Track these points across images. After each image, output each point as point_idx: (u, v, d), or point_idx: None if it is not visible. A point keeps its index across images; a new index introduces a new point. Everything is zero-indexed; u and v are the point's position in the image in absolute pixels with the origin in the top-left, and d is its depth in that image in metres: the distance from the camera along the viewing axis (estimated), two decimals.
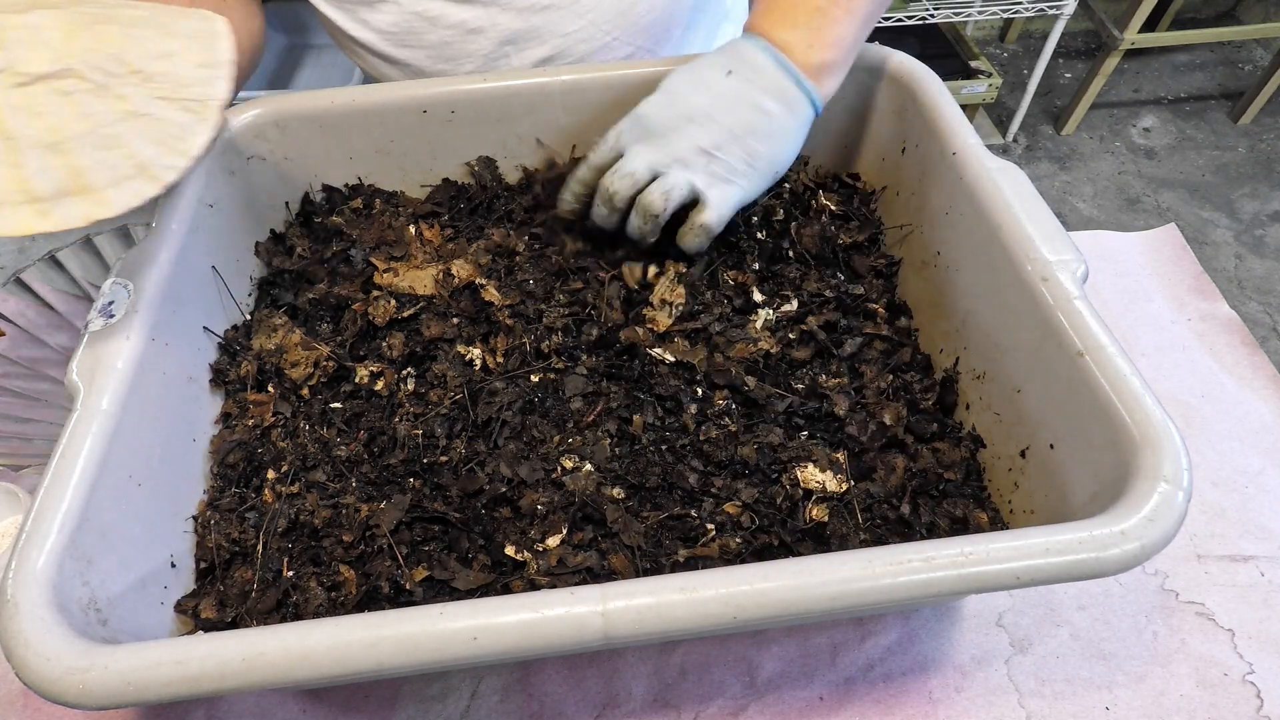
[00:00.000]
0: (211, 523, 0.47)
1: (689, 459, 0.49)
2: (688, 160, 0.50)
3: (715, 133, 0.50)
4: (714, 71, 0.51)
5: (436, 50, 0.65)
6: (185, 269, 0.49)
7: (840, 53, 0.51)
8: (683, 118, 0.50)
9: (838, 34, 0.50)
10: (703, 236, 0.52)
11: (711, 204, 0.50)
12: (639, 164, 0.51)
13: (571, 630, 0.32)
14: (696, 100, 0.50)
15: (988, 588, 0.34)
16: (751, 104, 0.49)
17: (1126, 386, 0.38)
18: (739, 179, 0.51)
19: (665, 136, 0.50)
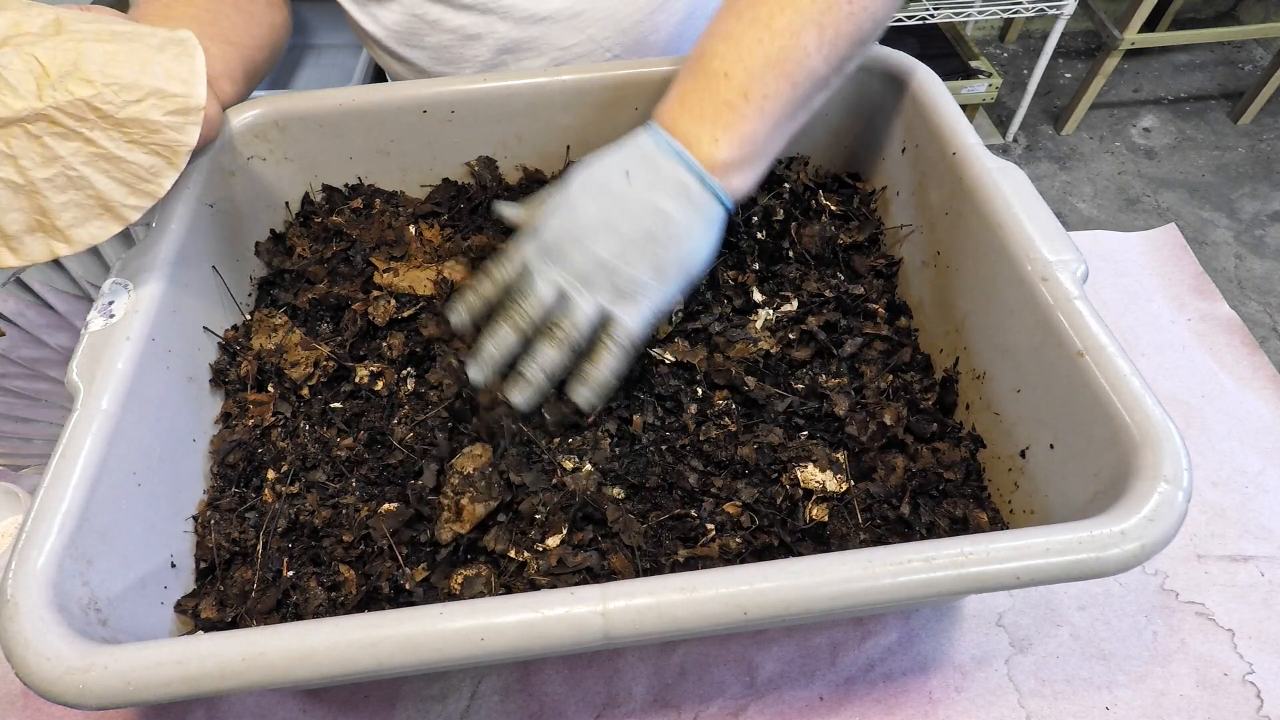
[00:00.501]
0: (211, 523, 0.47)
1: (689, 459, 0.49)
2: (592, 278, 0.45)
3: (617, 244, 0.45)
4: (613, 173, 0.46)
5: (437, 53, 0.65)
6: (185, 269, 0.49)
7: (750, 150, 0.45)
8: (584, 230, 0.45)
9: (748, 131, 0.45)
10: (617, 355, 0.46)
11: (619, 324, 0.46)
12: (544, 286, 0.46)
13: (571, 630, 0.32)
14: (595, 209, 0.45)
15: (988, 588, 0.34)
16: (653, 208, 0.45)
17: (1126, 386, 0.38)
18: (648, 293, 0.46)
19: (567, 253, 0.45)
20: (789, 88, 0.44)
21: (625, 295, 0.46)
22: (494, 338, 0.47)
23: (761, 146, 0.46)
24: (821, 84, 0.46)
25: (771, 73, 0.44)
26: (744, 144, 0.45)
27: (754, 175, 0.47)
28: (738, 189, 0.46)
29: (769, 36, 0.44)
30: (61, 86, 0.39)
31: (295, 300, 0.57)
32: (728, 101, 0.44)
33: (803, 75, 0.44)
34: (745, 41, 0.44)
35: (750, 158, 0.46)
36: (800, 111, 0.46)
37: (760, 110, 0.44)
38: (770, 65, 0.44)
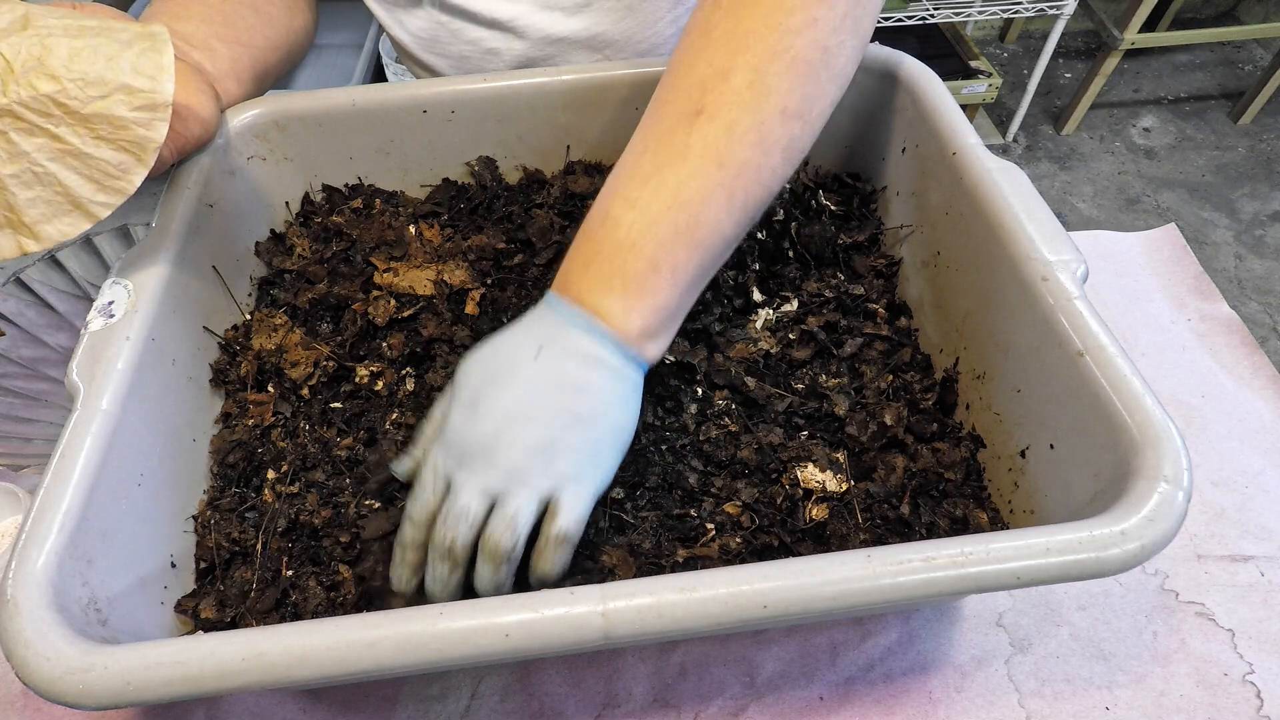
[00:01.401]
0: (211, 522, 0.47)
1: (689, 459, 0.49)
2: (523, 471, 0.40)
3: (542, 429, 0.40)
4: (521, 354, 0.42)
5: (458, 62, 0.66)
6: (185, 269, 0.49)
7: (663, 318, 0.43)
8: (501, 423, 0.40)
9: (660, 301, 0.42)
10: (564, 549, 0.41)
11: (565, 507, 0.40)
12: (470, 497, 0.40)
13: (571, 630, 0.32)
14: (509, 398, 0.41)
15: (988, 588, 0.34)
16: (574, 386, 0.41)
17: (1126, 386, 0.38)
18: (586, 469, 0.41)
19: (489, 451, 0.40)
20: (700, 255, 0.42)
21: (566, 483, 0.41)
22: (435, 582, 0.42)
23: (674, 313, 0.43)
24: (731, 243, 0.44)
25: (682, 242, 0.41)
26: (657, 313, 0.42)
27: (667, 339, 0.44)
28: (654, 355, 0.44)
29: (677, 206, 0.41)
30: (25, 81, 0.39)
31: (295, 300, 0.57)
32: (637, 273, 0.41)
33: (714, 240, 0.42)
34: (652, 210, 0.41)
35: (663, 325, 0.43)
36: (712, 270, 0.44)
37: (671, 281, 0.42)
38: (680, 235, 0.41)
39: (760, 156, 0.41)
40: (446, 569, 0.41)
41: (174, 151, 0.50)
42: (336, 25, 2.12)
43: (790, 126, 0.41)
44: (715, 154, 0.41)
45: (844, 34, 0.41)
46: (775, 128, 0.41)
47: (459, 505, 0.40)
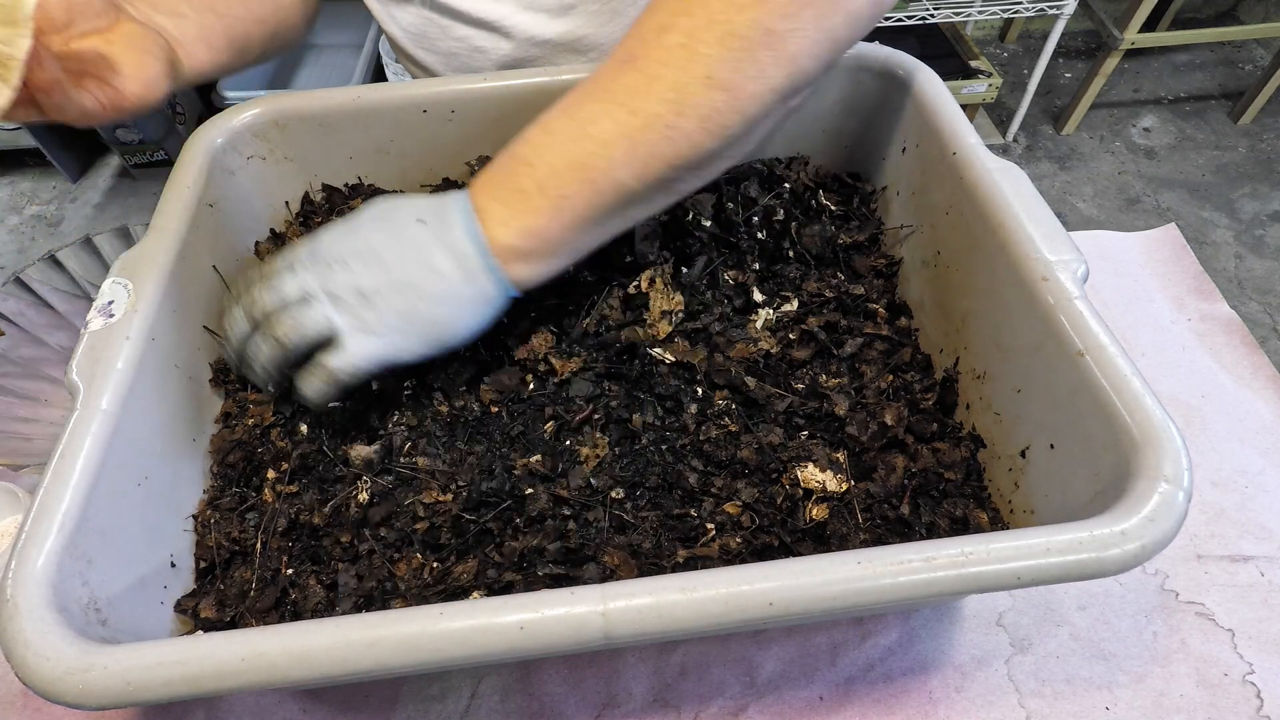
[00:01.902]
0: (211, 522, 0.47)
1: (689, 459, 0.49)
2: (339, 297, 0.44)
3: (377, 277, 0.44)
4: (406, 213, 0.45)
5: (446, 59, 0.66)
6: (185, 269, 0.49)
7: (537, 243, 0.44)
8: (354, 253, 0.44)
9: (536, 225, 0.43)
10: (324, 382, 0.44)
11: (344, 349, 0.44)
12: (292, 285, 0.44)
13: (571, 630, 0.32)
14: (374, 238, 0.44)
15: (988, 588, 0.34)
16: (426, 259, 0.44)
17: (1127, 386, 0.38)
18: (387, 334, 0.44)
19: (330, 267, 0.44)
20: (591, 193, 0.43)
21: (364, 329, 0.44)
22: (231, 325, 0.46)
23: (552, 243, 0.44)
24: (631, 198, 0.43)
25: (573, 174, 0.42)
26: (530, 236, 0.43)
27: (543, 268, 0.45)
28: (521, 277, 0.45)
29: (580, 138, 0.42)
30: None
31: None
32: (523, 190, 0.43)
33: (607, 185, 0.42)
34: (559, 137, 0.43)
35: (538, 251, 0.44)
36: (607, 219, 0.44)
37: (555, 207, 0.43)
38: (574, 167, 0.42)
39: (673, 115, 0.41)
40: (243, 321, 0.45)
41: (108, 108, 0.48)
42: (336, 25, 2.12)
43: (713, 95, 0.41)
44: (630, 100, 0.42)
45: (798, 22, 0.40)
46: (696, 91, 0.41)
47: (282, 285, 0.44)
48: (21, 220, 2.04)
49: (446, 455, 0.49)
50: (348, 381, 0.44)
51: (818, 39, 0.41)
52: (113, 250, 0.61)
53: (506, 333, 0.55)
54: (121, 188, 2.11)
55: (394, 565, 0.45)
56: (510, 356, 0.54)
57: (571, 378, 0.52)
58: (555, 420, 0.51)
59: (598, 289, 0.56)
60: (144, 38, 0.50)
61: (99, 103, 0.47)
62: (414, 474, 0.49)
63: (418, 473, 0.48)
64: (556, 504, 0.47)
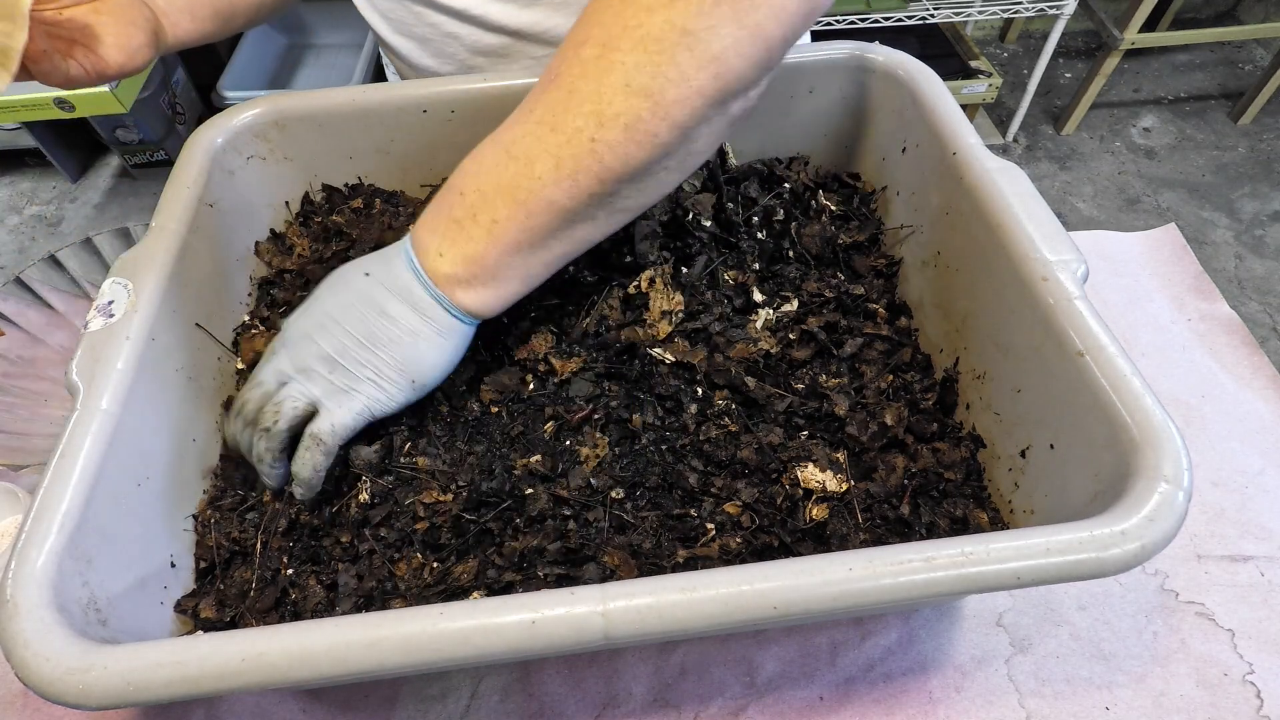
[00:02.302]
0: (211, 522, 0.47)
1: (689, 459, 0.49)
2: (310, 369, 0.45)
3: (338, 338, 0.45)
4: (354, 271, 0.46)
5: (422, 45, 0.66)
6: (185, 269, 0.49)
7: (478, 270, 0.44)
8: (314, 324, 0.46)
9: (472, 252, 0.43)
10: (315, 451, 0.45)
11: (327, 414, 0.45)
12: (268, 373, 0.46)
13: (571, 630, 0.32)
14: (329, 305, 0.46)
15: (988, 588, 0.34)
16: (377, 308, 0.45)
17: (1126, 386, 0.38)
18: (363, 389, 0.45)
19: (297, 344, 0.46)
20: (522, 215, 0.42)
21: (339, 391, 0.45)
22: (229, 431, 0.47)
23: (492, 268, 0.44)
24: (568, 216, 0.43)
25: (503, 198, 0.42)
26: (469, 263, 0.44)
27: (491, 295, 0.45)
28: (471, 306, 0.45)
29: (506, 161, 0.42)
30: None
31: (295, 300, 0.57)
32: (456, 219, 0.43)
33: (537, 205, 0.42)
34: (486, 163, 0.43)
35: (479, 277, 0.44)
36: (547, 240, 0.44)
37: (489, 233, 0.43)
38: (502, 191, 0.42)
39: (594, 128, 0.40)
40: (239, 425, 0.46)
41: (92, 75, 0.49)
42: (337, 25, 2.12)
43: (634, 103, 0.40)
44: (551, 118, 0.41)
45: (714, 20, 0.39)
46: (616, 100, 0.40)
47: (259, 378, 0.46)
48: (21, 220, 2.04)
49: (446, 455, 0.49)
50: (337, 443, 0.45)
51: (740, 36, 0.39)
52: (113, 250, 0.61)
53: (506, 333, 0.55)
54: (121, 188, 2.11)
55: (394, 565, 0.45)
56: (510, 356, 0.54)
57: (571, 378, 0.52)
58: (555, 420, 0.51)
59: (598, 289, 0.56)
60: (130, 8, 0.51)
61: (83, 70, 0.48)
62: (414, 474, 0.49)
63: (418, 473, 0.48)
64: (556, 504, 0.47)
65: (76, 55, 0.47)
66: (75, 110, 1.66)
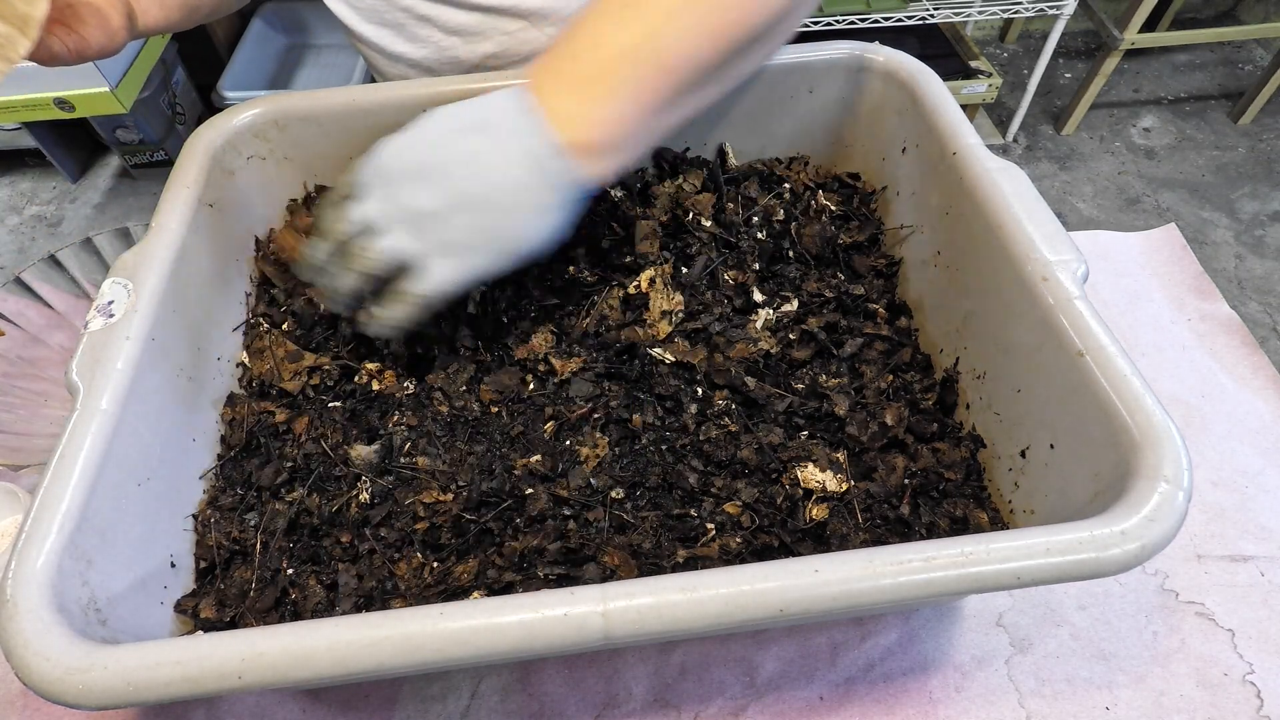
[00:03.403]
0: (211, 522, 0.47)
1: (689, 459, 0.49)
2: (412, 221, 0.43)
3: (444, 196, 0.42)
4: (464, 122, 0.43)
5: (395, 30, 0.66)
6: (185, 269, 0.49)
7: (613, 134, 0.42)
8: (416, 171, 0.43)
9: (612, 113, 0.41)
10: (408, 308, 0.44)
11: (426, 275, 0.43)
12: (364, 212, 0.44)
13: (571, 630, 0.32)
14: (434, 154, 0.43)
15: (988, 588, 0.34)
16: (491, 170, 0.42)
17: (1127, 386, 0.38)
18: (466, 253, 0.43)
19: (396, 189, 0.43)
20: (660, 73, 0.40)
21: (441, 250, 0.43)
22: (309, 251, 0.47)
23: (626, 131, 0.42)
24: (703, 73, 0.41)
25: (642, 53, 0.40)
26: (607, 126, 0.41)
27: (615, 161, 0.43)
28: (598, 173, 0.43)
29: (645, 14, 0.40)
30: None
31: (294, 300, 0.57)
32: (590, 77, 0.41)
33: (678, 61, 0.40)
34: (621, 17, 0.41)
35: (611, 142, 0.42)
36: (679, 99, 0.42)
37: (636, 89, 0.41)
38: (641, 45, 0.40)
39: None
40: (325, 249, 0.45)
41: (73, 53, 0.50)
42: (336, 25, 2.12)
43: None
44: None
45: None
46: None
47: (353, 212, 0.44)
48: (21, 220, 2.04)
49: (446, 455, 0.49)
50: (432, 306, 0.45)
51: None
52: (113, 250, 0.61)
53: (506, 333, 0.55)
54: (121, 188, 2.11)
55: (394, 565, 0.45)
56: (510, 356, 0.54)
57: (571, 378, 0.52)
58: (555, 420, 0.51)
59: (598, 289, 0.56)
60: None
61: (66, 48, 0.48)
62: (414, 474, 0.49)
63: (418, 473, 0.49)
64: (556, 504, 0.47)
65: (58, 33, 0.47)
66: (75, 110, 1.66)
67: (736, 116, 0.62)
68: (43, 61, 0.47)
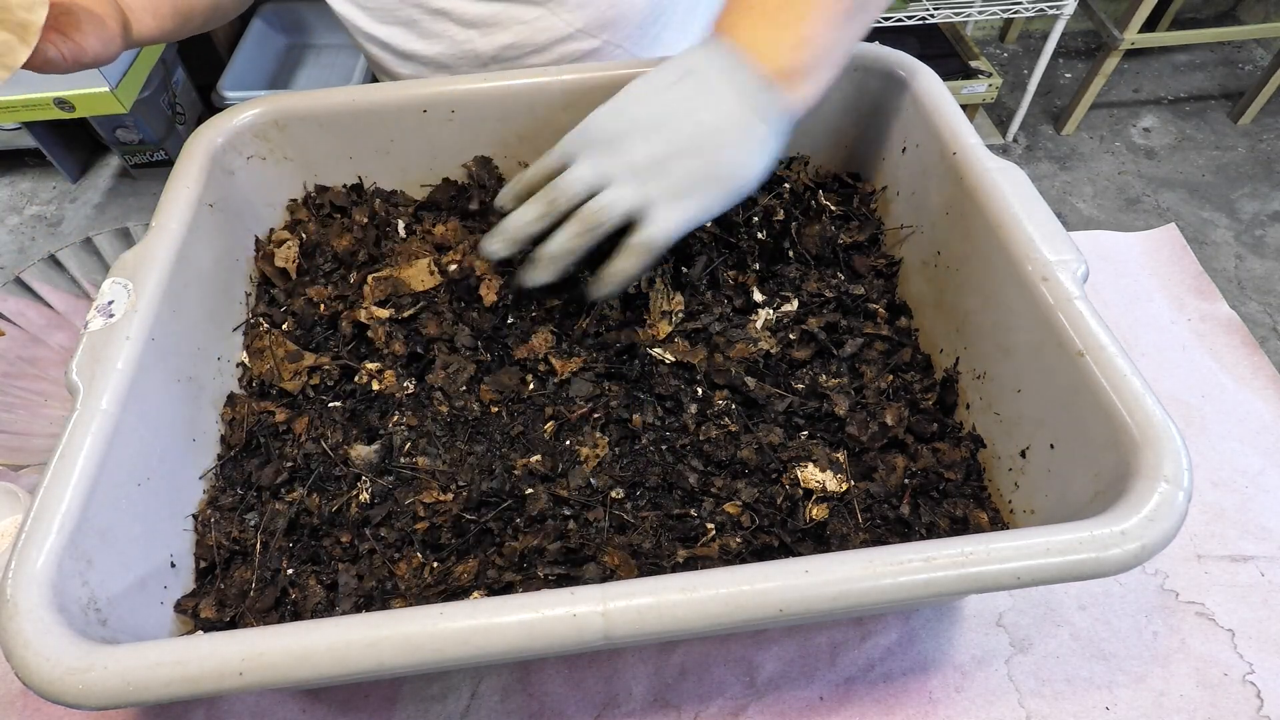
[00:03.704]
0: (211, 522, 0.47)
1: (689, 459, 0.49)
2: (632, 175, 0.46)
3: (662, 145, 0.45)
4: (668, 77, 0.46)
5: (409, 27, 0.66)
6: (185, 269, 0.49)
7: (812, 53, 0.45)
8: (630, 128, 0.46)
9: (806, 33, 0.44)
10: (642, 256, 0.46)
11: (655, 222, 0.46)
12: (582, 174, 0.46)
13: (571, 630, 0.32)
14: (646, 109, 0.46)
15: (988, 588, 0.34)
16: (702, 113, 0.45)
17: (1127, 386, 0.38)
18: (688, 197, 0.46)
19: (611, 148, 0.46)
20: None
21: (666, 196, 0.45)
22: (518, 214, 0.49)
23: (826, 49, 0.45)
24: None
25: None
26: (806, 47, 0.44)
27: (816, 84, 0.46)
28: (804, 98, 0.45)
29: None
30: None
31: (294, 300, 0.57)
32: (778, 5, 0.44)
33: None
34: None
35: (814, 64, 0.45)
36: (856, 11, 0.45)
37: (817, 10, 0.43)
38: None
39: None
40: (537, 211, 0.48)
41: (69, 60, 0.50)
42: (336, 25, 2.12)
43: None
44: None
45: None
46: None
47: (572, 175, 0.47)
48: (21, 220, 2.04)
49: (446, 455, 0.49)
50: (661, 250, 0.47)
51: None
52: (113, 250, 0.61)
53: (506, 332, 0.55)
54: (121, 188, 2.11)
55: (394, 565, 0.45)
56: (510, 356, 0.54)
57: (571, 378, 0.52)
58: (555, 420, 0.51)
59: None
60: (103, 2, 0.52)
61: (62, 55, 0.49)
62: (414, 474, 0.49)
63: (418, 473, 0.49)
64: (556, 504, 0.47)
65: (55, 40, 0.48)
66: (75, 110, 1.66)
67: None
68: (38, 68, 0.47)
